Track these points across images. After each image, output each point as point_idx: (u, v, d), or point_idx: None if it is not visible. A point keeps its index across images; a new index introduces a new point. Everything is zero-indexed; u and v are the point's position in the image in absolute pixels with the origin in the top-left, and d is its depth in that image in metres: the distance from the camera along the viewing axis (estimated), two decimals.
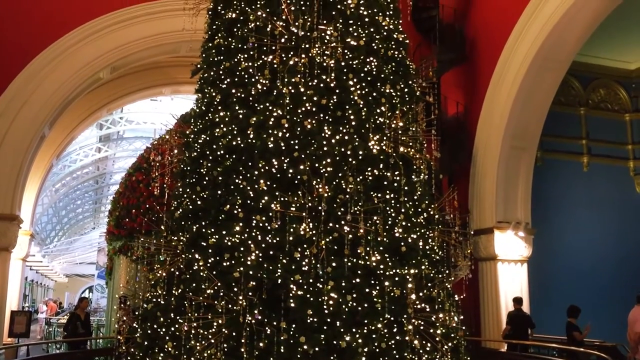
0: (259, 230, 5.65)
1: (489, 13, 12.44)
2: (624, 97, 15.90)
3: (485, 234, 11.88)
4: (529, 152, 12.26)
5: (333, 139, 5.91)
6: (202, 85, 6.86)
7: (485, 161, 12.01)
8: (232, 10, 6.74)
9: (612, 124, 15.67)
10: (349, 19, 6.48)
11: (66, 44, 11.12)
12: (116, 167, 36.24)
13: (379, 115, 6.24)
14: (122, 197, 12.96)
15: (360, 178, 5.89)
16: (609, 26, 12.17)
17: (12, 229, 11.09)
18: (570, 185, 14.86)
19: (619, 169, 15.42)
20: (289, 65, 6.14)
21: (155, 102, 26.26)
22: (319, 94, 6.05)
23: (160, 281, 6.10)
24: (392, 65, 6.79)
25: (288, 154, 5.86)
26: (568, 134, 15.02)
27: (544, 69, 11.39)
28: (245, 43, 6.37)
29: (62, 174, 31.82)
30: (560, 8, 10.42)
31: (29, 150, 10.90)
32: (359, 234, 5.59)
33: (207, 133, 6.34)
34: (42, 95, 10.92)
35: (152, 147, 12.79)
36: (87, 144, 30.97)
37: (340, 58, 6.22)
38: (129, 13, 11.51)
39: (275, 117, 5.97)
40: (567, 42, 11.13)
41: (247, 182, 5.85)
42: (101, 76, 12.13)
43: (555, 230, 14.13)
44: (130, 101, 17.85)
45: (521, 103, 11.59)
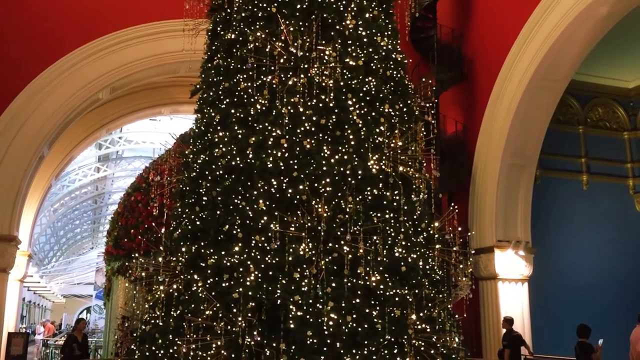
0: (258, 250, 5.62)
1: (487, 33, 12.52)
2: (622, 115, 15.95)
3: (486, 252, 11.84)
4: (528, 171, 12.26)
5: (332, 159, 5.91)
6: (202, 105, 6.87)
7: (484, 180, 12.01)
8: (231, 31, 6.78)
9: (610, 142, 15.69)
10: (347, 40, 6.52)
11: (66, 65, 11.18)
12: (115, 186, 36.23)
13: (378, 134, 6.25)
14: (121, 217, 12.93)
15: (360, 198, 5.88)
16: (606, 45, 12.25)
17: (10, 250, 11.04)
18: (570, 204, 14.84)
19: (619, 187, 15.42)
20: (288, 85, 6.16)
21: (155, 122, 26.33)
22: (318, 114, 6.06)
23: (158, 302, 6.05)
24: (391, 85, 6.82)
25: (287, 173, 5.85)
26: (567, 152, 15.04)
27: (542, 88, 11.44)
28: (244, 63, 6.39)
29: (61, 194, 31.79)
30: (557, 28, 10.49)
31: (27, 171, 10.89)
32: (359, 254, 5.56)
33: (206, 153, 6.34)
34: (42, 116, 10.94)
35: (151, 167, 12.79)
36: (86, 163, 30.98)
37: (339, 78, 6.24)
38: (128, 34, 11.58)
39: (275, 137, 5.98)
40: (564, 62, 11.19)
41: (246, 202, 5.83)
42: (101, 96, 12.16)
43: (555, 249, 14.08)
44: (129, 121, 17.89)
45: (520, 121, 11.61)
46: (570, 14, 10.24)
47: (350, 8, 6.71)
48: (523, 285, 11.98)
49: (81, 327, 12.05)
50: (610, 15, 10.42)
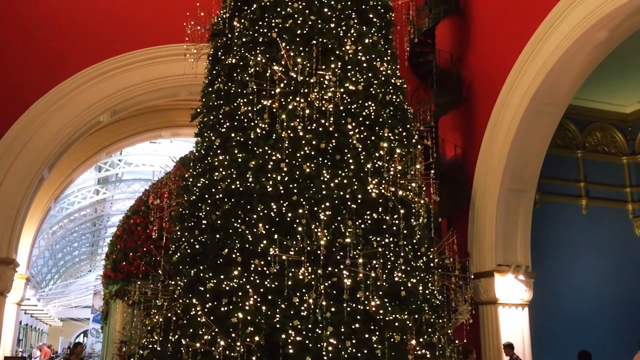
0: (257, 274, 5.61)
1: (485, 58, 12.62)
2: (621, 140, 16.00)
3: (486, 277, 11.78)
4: (527, 195, 12.26)
5: (332, 183, 5.92)
6: (202, 129, 6.91)
7: (483, 204, 12.00)
8: (232, 55, 6.85)
9: (609, 166, 15.72)
10: (347, 65, 6.58)
11: (67, 88, 11.24)
12: (114, 209, 36.16)
13: (377, 159, 6.27)
14: (120, 240, 12.90)
15: (359, 222, 5.88)
16: (603, 70, 12.33)
17: (8, 273, 10.99)
18: (569, 228, 14.80)
19: (618, 211, 15.40)
20: (288, 109, 6.20)
21: (155, 145, 26.38)
22: (317, 138, 6.09)
23: (156, 327, 6.01)
24: (391, 110, 6.87)
25: (287, 197, 5.86)
26: (566, 176, 15.05)
27: (540, 113, 11.49)
28: (244, 88, 6.44)
29: (60, 216, 31.72)
30: (555, 53, 10.57)
31: (27, 193, 10.89)
32: (358, 278, 5.54)
33: (206, 177, 6.36)
34: (43, 138, 10.97)
35: (150, 190, 12.79)
36: (86, 186, 30.97)
37: (339, 102, 6.29)
38: (130, 58, 11.67)
39: (274, 160, 6.00)
40: (562, 86, 11.25)
41: (246, 226, 5.83)
42: (102, 119, 12.21)
43: (555, 273, 14.02)
44: (129, 144, 17.92)
45: (519, 146, 11.64)
46: (569, 40, 10.33)
47: (350, 34, 6.79)
48: (523, 310, 11.90)
49: (78, 351, 11.95)
50: (608, 41, 10.51)
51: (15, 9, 11.21)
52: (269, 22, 6.71)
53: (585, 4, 9.99)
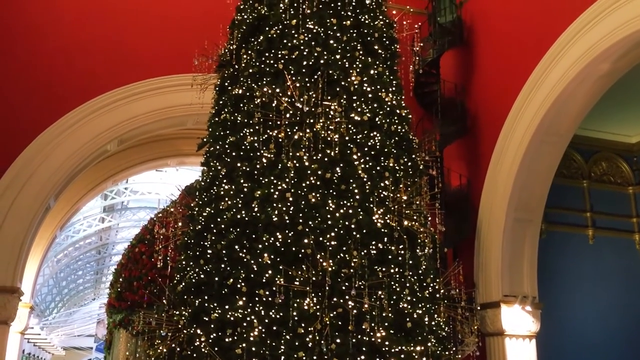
0: (262, 305, 5.59)
1: (489, 88, 12.70)
2: (626, 170, 15.98)
3: (492, 308, 11.66)
4: (533, 225, 12.21)
5: (337, 213, 5.94)
6: (208, 158, 6.96)
7: (489, 234, 11.96)
8: (238, 86, 6.93)
9: (615, 196, 15.67)
10: (352, 95, 6.65)
11: (74, 118, 11.32)
12: (119, 237, 36.18)
13: (382, 189, 6.29)
14: (124, 269, 12.87)
15: (365, 252, 5.88)
16: (608, 101, 12.36)
17: (12, 302, 10.95)
18: (576, 258, 14.70)
19: (625, 241, 15.30)
20: (294, 139, 6.25)
21: (161, 173, 26.50)
22: (323, 168, 6.13)
23: (160, 357, 5.97)
24: (396, 140, 6.91)
25: (292, 227, 5.87)
26: (572, 206, 15.01)
27: (545, 143, 11.51)
28: (251, 118, 6.51)
29: (65, 244, 31.75)
30: (559, 84, 10.63)
31: (33, 223, 10.90)
32: (364, 309, 5.52)
33: (212, 206, 6.38)
34: (49, 168, 11.03)
35: (156, 218, 12.81)
36: (91, 214, 31.06)
37: (344, 133, 6.34)
38: (137, 88, 11.77)
39: (280, 190, 6.03)
40: (567, 117, 11.29)
41: (251, 255, 5.84)
42: (108, 149, 12.28)
43: (562, 304, 13.89)
44: (135, 172, 17.99)
45: (524, 175, 11.64)
46: (572, 71, 10.40)
47: (355, 65, 6.87)
48: (531, 342, 11.76)
49: None
50: (611, 73, 10.57)
51: (21, 40, 11.35)
52: (275, 53, 6.81)
53: (587, 36, 10.09)
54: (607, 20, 9.74)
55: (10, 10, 11.36)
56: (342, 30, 7.02)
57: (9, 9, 11.37)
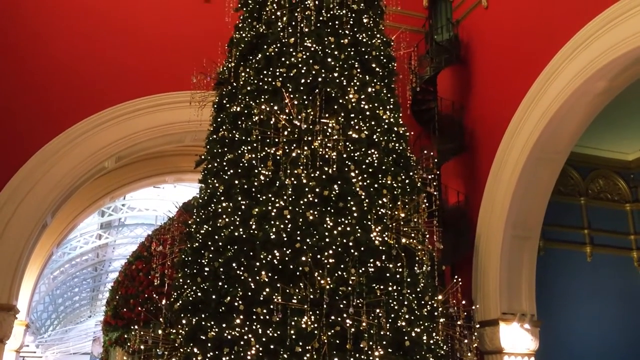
0: (259, 323, 5.56)
1: (486, 105, 12.75)
2: (624, 187, 16.01)
3: (491, 325, 11.61)
4: (531, 242, 12.20)
5: (335, 230, 5.93)
6: (206, 176, 6.96)
7: (487, 251, 11.94)
8: (237, 104, 6.95)
9: (613, 214, 15.68)
10: (350, 113, 6.67)
11: (72, 135, 11.33)
12: (116, 253, 36.05)
13: (380, 206, 6.29)
14: (121, 286, 12.80)
15: (363, 270, 5.86)
16: (605, 118, 12.43)
17: (8, 320, 10.88)
18: (574, 276, 14.67)
19: (623, 259, 15.28)
20: (292, 157, 6.26)
21: (158, 189, 26.48)
22: (321, 186, 6.13)
23: None
24: (393, 157, 6.93)
25: (290, 245, 5.85)
26: (570, 223, 15.01)
27: (542, 160, 11.54)
28: (249, 135, 6.52)
29: (61, 261, 31.63)
30: (555, 102, 10.69)
31: (29, 240, 10.86)
32: (362, 327, 5.49)
33: (210, 223, 6.37)
34: (46, 185, 11.00)
35: (153, 235, 12.78)
36: (88, 230, 30.97)
37: (342, 150, 6.35)
38: (135, 105, 11.80)
39: (278, 208, 6.02)
40: (564, 134, 11.34)
41: (249, 273, 5.82)
42: (106, 165, 12.28)
43: (560, 322, 13.83)
44: (133, 189, 17.98)
45: (521, 193, 11.66)
46: (568, 89, 10.46)
47: (353, 83, 6.91)
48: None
49: None
50: (607, 91, 10.64)
51: (21, 57, 11.39)
52: (273, 71, 6.84)
53: (584, 54, 10.16)
54: (603, 38, 9.83)
55: (11, 28, 11.41)
56: (340, 49, 7.06)
57: (10, 26, 11.41)
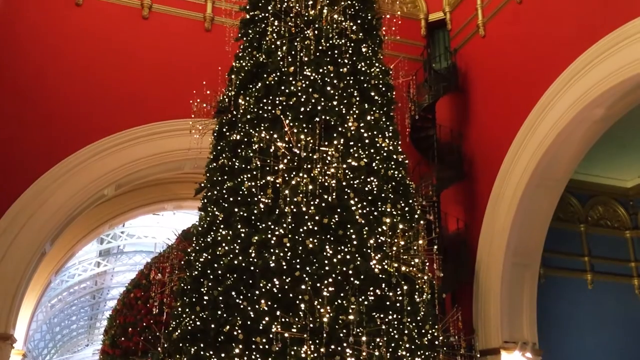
0: (259, 352, 5.51)
1: (485, 133, 12.83)
2: (623, 214, 16.01)
3: (492, 354, 11.51)
4: (531, 269, 12.16)
5: (335, 258, 5.91)
6: (206, 204, 6.96)
7: (488, 278, 11.89)
8: (236, 132, 6.98)
9: (613, 241, 15.65)
10: (349, 141, 6.70)
11: (72, 163, 11.33)
12: (114, 281, 35.80)
13: (380, 234, 6.28)
14: (119, 315, 12.69)
15: (363, 298, 5.83)
16: (603, 146, 12.49)
17: (5, 350, 10.77)
18: (575, 303, 14.59)
19: (624, 286, 15.21)
20: (292, 185, 6.27)
21: (158, 216, 26.41)
22: (320, 213, 6.13)
23: None
24: (393, 185, 6.93)
25: (289, 273, 5.83)
26: (570, 250, 14.97)
27: (541, 187, 11.57)
28: (248, 163, 6.54)
29: (60, 289, 31.39)
30: (553, 130, 10.77)
31: (28, 268, 10.81)
32: (362, 357, 5.44)
33: (209, 252, 6.35)
34: (46, 213, 10.98)
35: (152, 263, 12.71)
36: (87, 258, 30.80)
37: (341, 178, 6.36)
38: (136, 133, 11.83)
39: (277, 236, 6.01)
40: (562, 162, 11.39)
41: (248, 302, 5.78)
42: (106, 193, 12.28)
43: (562, 350, 13.70)
44: (132, 217, 17.95)
45: (521, 220, 11.66)
46: (566, 117, 10.54)
47: (352, 111, 6.95)
48: None
49: None
50: (605, 118, 10.72)
51: (21, 85, 11.43)
52: (273, 100, 6.89)
53: (581, 82, 10.26)
54: (600, 66, 9.94)
55: (10, 57, 11.48)
56: (339, 77, 7.13)
57: (9, 56, 11.48)
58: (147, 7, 12.47)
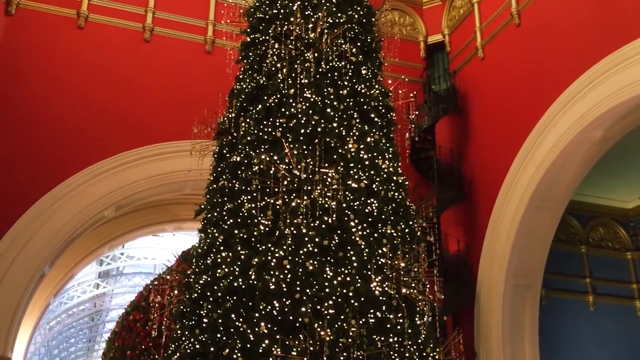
0: None
1: (485, 154, 12.86)
2: (624, 235, 15.96)
3: None
4: (533, 291, 12.10)
5: (335, 280, 5.89)
6: (205, 225, 6.95)
7: (489, 300, 11.83)
8: (237, 153, 7.00)
9: (614, 262, 15.59)
10: (349, 162, 6.72)
11: (72, 185, 11.32)
12: (113, 303, 35.55)
13: (380, 256, 6.27)
14: (118, 337, 12.59)
15: (363, 321, 5.80)
16: (603, 167, 12.51)
17: None
18: (577, 325, 14.48)
19: (626, 308, 15.11)
20: (292, 206, 6.27)
21: (157, 238, 26.31)
22: (320, 235, 6.12)
23: None
24: (393, 206, 6.93)
25: (289, 295, 5.81)
26: (571, 272, 14.90)
27: (541, 209, 11.57)
28: (249, 185, 6.54)
29: (58, 311, 31.16)
30: (552, 152, 10.80)
31: (27, 290, 10.75)
32: None
33: (209, 274, 6.33)
34: (45, 235, 10.95)
35: (151, 285, 12.65)
36: (86, 280, 30.63)
37: (341, 200, 6.36)
38: (136, 154, 11.84)
39: (277, 258, 6.00)
40: (562, 183, 11.40)
41: (248, 324, 5.75)
42: (106, 214, 12.27)
43: None
44: (132, 238, 17.89)
45: (522, 241, 11.64)
46: (566, 138, 10.58)
47: (352, 133, 6.98)
48: None
49: None
50: (604, 140, 10.76)
51: (21, 108, 11.44)
52: (273, 121, 6.92)
53: (580, 104, 10.31)
54: (599, 88, 10.00)
55: (10, 79, 11.50)
56: (339, 99, 7.16)
57: (9, 77, 11.50)
58: (149, 30, 12.58)
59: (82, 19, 12.20)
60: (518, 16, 12.25)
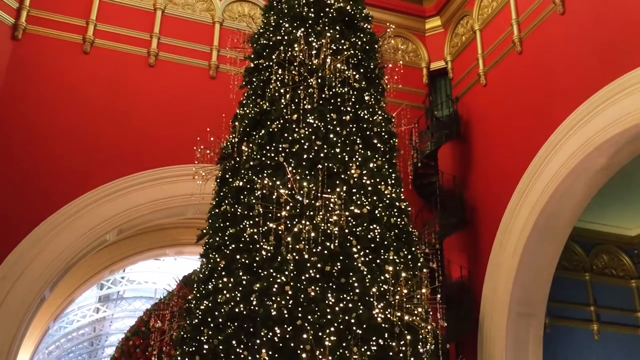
0: None
1: (487, 180, 12.84)
2: (628, 263, 15.86)
3: None
4: (537, 319, 11.98)
5: (337, 307, 5.84)
6: (207, 250, 6.92)
7: (492, 328, 11.71)
8: (239, 178, 7.00)
9: (618, 290, 15.46)
10: (352, 188, 6.71)
11: (75, 208, 11.29)
12: (113, 328, 35.28)
13: (383, 282, 6.22)
14: None
15: (365, 348, 5.73)
16: (606, 194, 12.47)
17: None
18: (581, 354, 14.30)
19: (631, 337, 14.94)
20: (294, 232, 6.24)
21: (158, 262, 26.21)
22: (322, 261, 6.09)
23: None
24: (395, 232, 6.91)
25: (291, 322, 5.75)
26: (575, 300, 14.77)
27: (545, 235, 11.50)
28: (251, 210, 6.53)
29: (58, 336, 30.92)
30: (555, 179, 10.77)
31: (27, 315, 10.66)
32: None
33: (210, 299, 6.28)
34: (46, 259, 10.88)
35: (151, 310, 12.57)
36: (86, 304, 30.43)
37: (344, 225, 6.34)
38: (138, 178, 11.82)
39: (279, 283, 5.96)
40: (565, 211, 11.35)
41: (248, 351, 5.69)
42: (107, 238, 12.22)
43: None
44: (133, 262, 17.80)
45: (525, 269, 11.56)
46: (569, 164, 10.57)
47: (354, 158, 6.99)
48: None
49: None
50: (607, 167, 10.73)
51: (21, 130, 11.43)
52: (276, 147, 6.93)
53: (582, 131, 10.32)
54: (601, 116, 10.02)
55: (9, 103, 11.53)
56: (342, 125, 7.18)
57: (8, 101, 11.53)
58: (154, 55, 12.67)
59: (88, 44, 12.31)
60: (520, 43, 12.34)
